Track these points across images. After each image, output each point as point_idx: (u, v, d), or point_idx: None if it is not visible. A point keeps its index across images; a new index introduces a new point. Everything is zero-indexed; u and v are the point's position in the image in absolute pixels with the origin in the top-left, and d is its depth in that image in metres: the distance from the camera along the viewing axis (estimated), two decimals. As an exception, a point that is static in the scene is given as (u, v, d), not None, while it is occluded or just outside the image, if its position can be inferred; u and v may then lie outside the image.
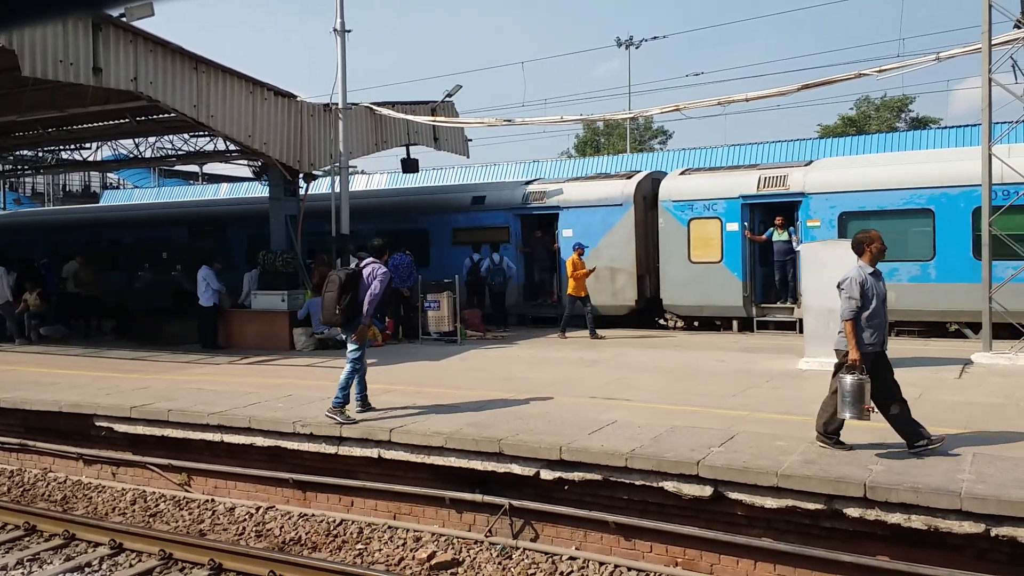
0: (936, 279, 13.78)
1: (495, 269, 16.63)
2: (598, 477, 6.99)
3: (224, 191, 36.31)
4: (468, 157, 19.93)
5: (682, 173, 16.84)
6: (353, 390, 8.79)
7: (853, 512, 5.99)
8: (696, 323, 16.70)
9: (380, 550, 7.46)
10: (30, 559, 7.55)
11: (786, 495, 6.21)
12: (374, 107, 16.46)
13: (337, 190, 15.36)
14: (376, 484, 8.16)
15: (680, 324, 17.18)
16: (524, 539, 7.37)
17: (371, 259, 9.01)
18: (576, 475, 7.08)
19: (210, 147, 18.62)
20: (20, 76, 10.96)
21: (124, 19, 11.56)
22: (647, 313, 16.99)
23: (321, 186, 20.43)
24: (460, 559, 7.16)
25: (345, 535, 7.83)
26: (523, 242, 17.75)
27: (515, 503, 7.39)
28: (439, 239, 18.49)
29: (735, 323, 15.90)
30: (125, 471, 9.80)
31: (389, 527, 7.88)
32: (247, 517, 8.48)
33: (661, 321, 17.60)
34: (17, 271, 17.59)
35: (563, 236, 17.05)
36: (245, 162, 19.51)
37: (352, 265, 9.93)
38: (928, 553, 5.91)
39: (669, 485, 6.66)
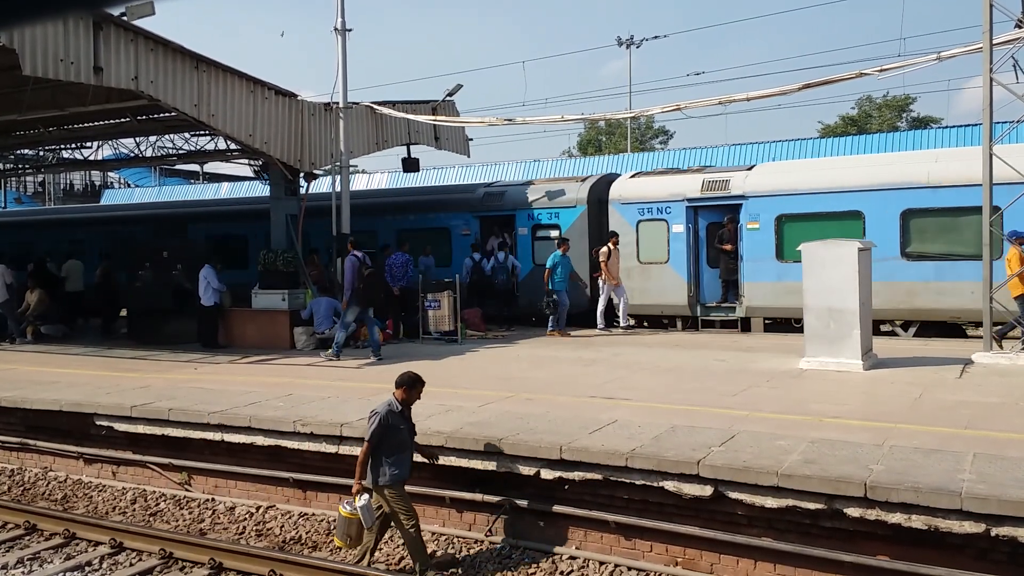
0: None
1: (499, 267, 16.60)
2: (598, 476, 6.99)
3: (225, 191, 36.30)
4: (469, 156, 19.96)
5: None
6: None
7: (853, 512, 5.99)
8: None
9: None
10: (30, 558, 7.55)
11: (786, 495, 6.21)
12: (375, 106, 16.45)
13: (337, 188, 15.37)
14: (376, 483, 8.14)
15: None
16: (524, 539, 7.36)
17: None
18: (576, 474, 7.08)
19: (211, 146, 18.61)
20: (21, 75, 10.97)
21: (125, 18, 11.56)
22: None
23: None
24: (460, 558, 7.16)
25: (345, 534, 7.83)
26: None
27: (515, 502, 7.39)
28: None
29: None
30: (125, 470, 9.80)
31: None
32: (247, 516, 8.49)
33: None
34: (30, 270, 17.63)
35: None
36: (246, 161, 19.51)
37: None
38: (928, 553, 5.91)
39: (669, 485, 6.66)
